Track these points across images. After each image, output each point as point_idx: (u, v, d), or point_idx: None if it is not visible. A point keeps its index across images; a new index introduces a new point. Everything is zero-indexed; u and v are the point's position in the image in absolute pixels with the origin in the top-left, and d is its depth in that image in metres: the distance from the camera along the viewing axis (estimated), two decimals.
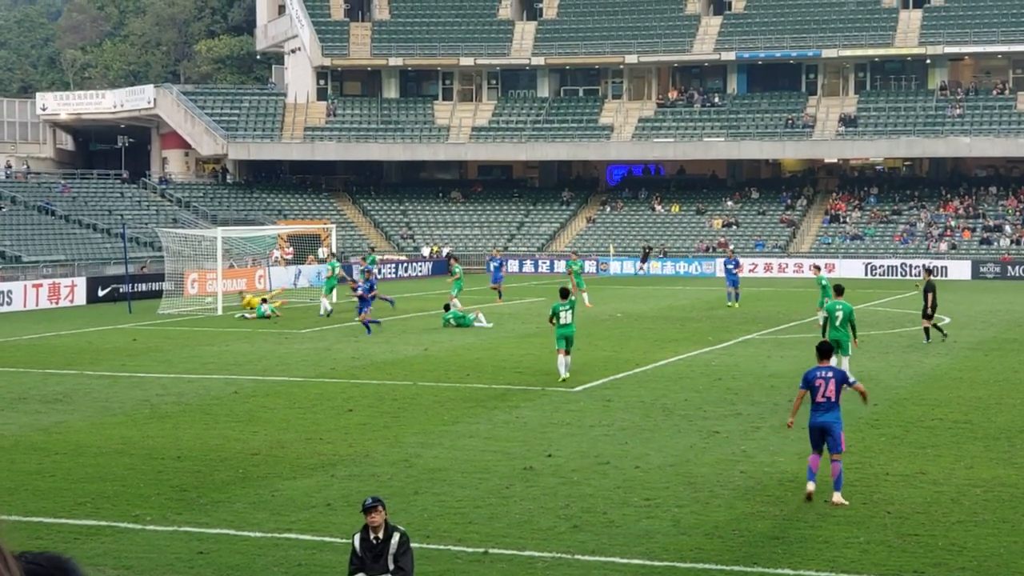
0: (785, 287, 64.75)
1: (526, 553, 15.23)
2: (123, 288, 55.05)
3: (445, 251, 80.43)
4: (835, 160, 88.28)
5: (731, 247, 77.95)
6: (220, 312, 48.88)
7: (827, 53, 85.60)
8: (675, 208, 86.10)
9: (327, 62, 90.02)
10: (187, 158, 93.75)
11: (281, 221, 78.74)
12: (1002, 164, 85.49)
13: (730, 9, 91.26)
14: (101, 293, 56.39)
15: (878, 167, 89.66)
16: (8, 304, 51.90)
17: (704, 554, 15.18)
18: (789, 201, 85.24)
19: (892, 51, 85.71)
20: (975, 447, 21.33)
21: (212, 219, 75.75)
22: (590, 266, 78.04)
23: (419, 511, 17.10)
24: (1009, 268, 72.01)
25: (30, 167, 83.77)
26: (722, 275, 72.80)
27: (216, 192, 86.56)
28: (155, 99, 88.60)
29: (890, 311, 47.65)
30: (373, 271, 48.22)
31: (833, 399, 17.76)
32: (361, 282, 42.85)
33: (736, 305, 49.73)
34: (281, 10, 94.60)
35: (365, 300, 41.14)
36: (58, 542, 15.81)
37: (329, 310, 47.78)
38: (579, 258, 56.19)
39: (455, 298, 45.38)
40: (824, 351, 18.54)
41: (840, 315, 28.04)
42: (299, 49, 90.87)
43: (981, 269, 72.12)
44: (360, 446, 21.64)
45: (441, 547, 15.43)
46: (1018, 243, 76.58)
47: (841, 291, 29.28)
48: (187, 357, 34.76)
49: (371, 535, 12.27)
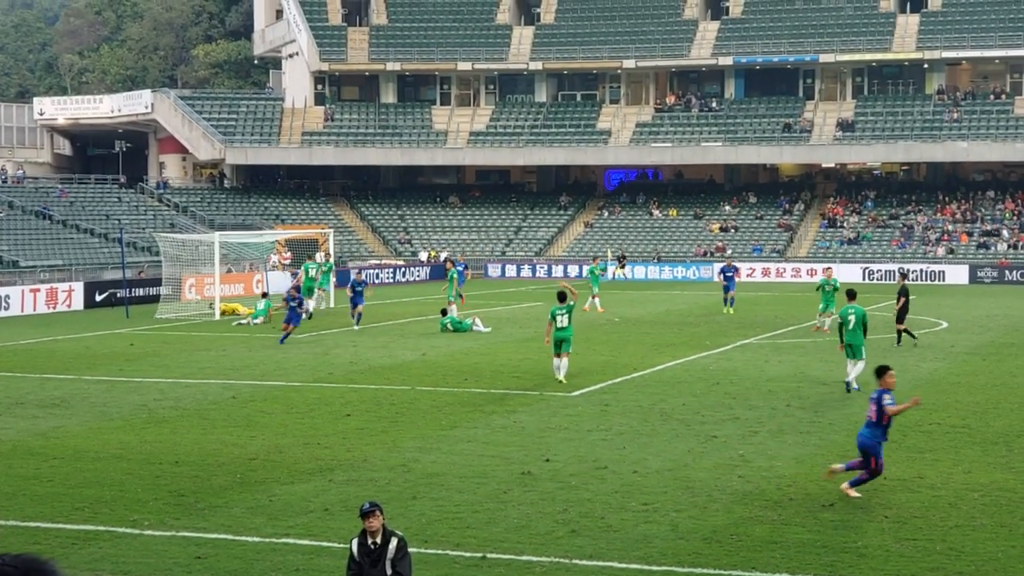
0: (783, 291, 64.77)
1: (524, 558, 15.22)
2: (120, 293, 55.07)
3: (443, 255, 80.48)
4: (833, 165, 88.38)
5: (728, 251, 77.99)
6: (218, 317, 48.86)
7: (824, 58, 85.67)
8: (673, 213, 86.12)
9: (325, 67, 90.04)
10: (184, 163, 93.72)
11: (279, 226, 78.75)
12: (999, 168, 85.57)
13: (727, 14, 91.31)
14: (99, 298, 56.37)
15: (875, 172, 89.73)
16: (6, 309, 51.88)
17: (702, 559, 15.18)
18: (787, 206, 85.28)
19: (890, 56, 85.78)
20: (973, 451, 21.33)
21: (209, 224, 75.74)
22: (587, 271, 78.05)
23: (417, 516, 17.09)
24: (1006, 272, 72.04)
25: (26, 172, 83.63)
26: (718, 277, 73.02)
27: (213, 197, 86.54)
28: (152, 104, 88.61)
29: (887, 315, 47.56)
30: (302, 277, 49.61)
31: (873, 418, 18.13)
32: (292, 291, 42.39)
33: (731, 311, 49.49)
34: (279, 15, 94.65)
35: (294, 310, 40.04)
36: (56, 547, 15.80)
37: (310, 311, 48.15)
38: (600, 262, 55.62)
39: (452, 303, 45.26)
40: (876, 371, 18.90)
41: (852, 319, 28.22)
42: (297, 54, 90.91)
43: (978, 273, 72.16)
44: (358, 451, 21.63)
45: (439, 552, 15.42)
46: (1015, 247, 76.62)
47: (853, 295, 29.69)
48: (185, 362, 34.75)
49: (369, 540, 12.25)
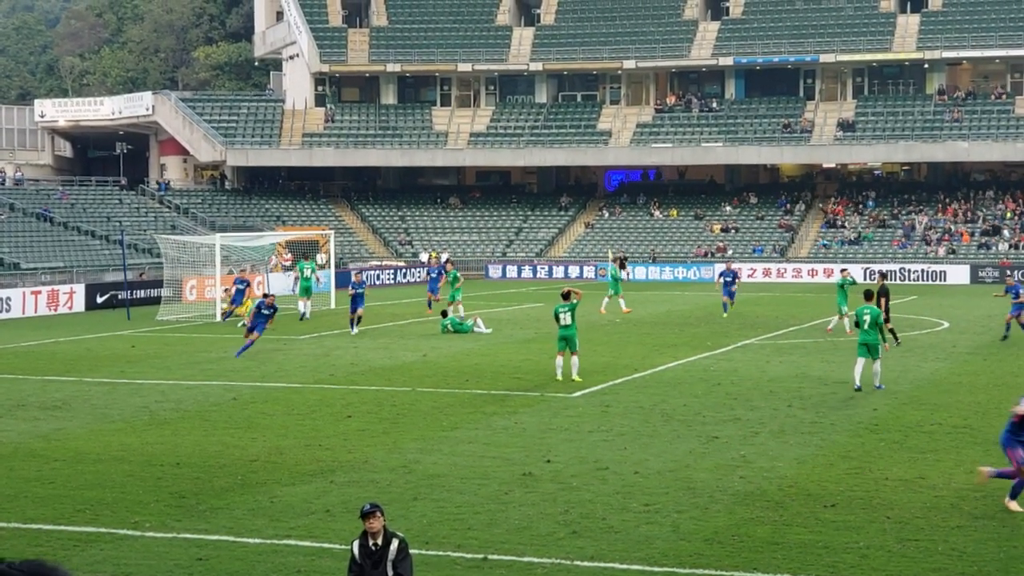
0: (784, 292, 64.77)
1: (525, 559, 15.21)
2: (122, 295, 55.06)
3: (444, 256, 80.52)
4: (833, 165, 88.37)
5: (729, 252, 77.94)
6: (219, 318, 48.85)
7: (825, 58, 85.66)
8: (673, 213, 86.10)
9: (325, 68, 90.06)
10: (185, 165, 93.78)
11: (279, 227, 78.76)
12: (1000, 168, 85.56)
13: (728, 14, 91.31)
14: (100, 300, 56.38)
15: (876, 172, 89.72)
16: (7, 311, 51.88)
17: (703, 560, 15.16)
18: (787, 206, 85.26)
19: (890, 56, 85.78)
20: (974, 452, 21.31)
21: (210, 225, 75.79)
22: (588, 271, 78.11)
23: (418, 517, 17.08)
24: (1008, 272, 71.91)
25: (24, 175, 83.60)
26: (717, 281, 72.93)
27: (214, 199, 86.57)
28: (153, 106, 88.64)
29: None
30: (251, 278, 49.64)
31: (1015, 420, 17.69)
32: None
33: (725, 315, 48.08)
34: (279, 17, 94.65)
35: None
36: (57, 549, 15.79)
37: (304, 313, 48.51)
38: (617, 263, 55.35)
39: (453, 303, 45.23)
40: None
41: (868, 318, 28.33)
42: (297, 55, 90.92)
43: (980, 273, 72.13)
44: (359, 452, 21.62)
45: (440, 553, 15.41)
46: (1017, 247, 76.60)
47: (871, 296, 29.82)
48: (186, 364, 34.75)
49: (370, 541, 12.24)
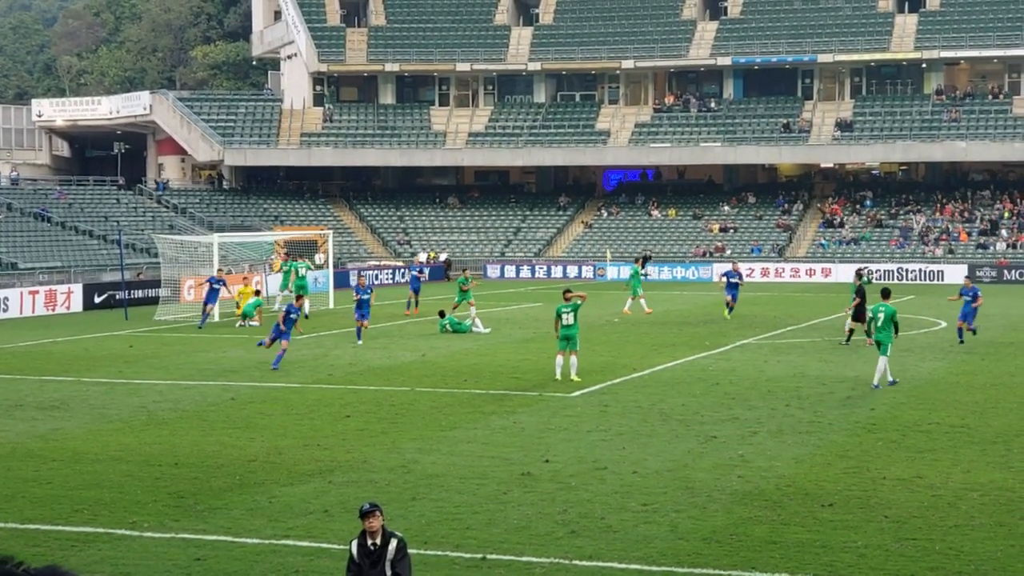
0: (782, 292, 64.78)
1: (524, 559, 15.23)
2: (119, 295, 55.03)
3: (443, 256, 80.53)
4: (831, 165, 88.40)
5: (728, 252, 77.94)
6: (217, 318, 48.83)
7: (823, 58, 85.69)
8: (672, 213, 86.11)
9: (323, 68, 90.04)
10: (183, 164, 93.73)
11: (278, 227, 78.75)
12: (998, 168, 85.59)
13: (726, 14, 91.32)
14: (97, 300, 56.37)
15: (874, 171, 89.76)
16: (4, 311, 51.87)
17: (702, 559, 15.18)
18: (785, 206, 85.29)
19: (888, 56, 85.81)
20: (972, 451, 21.34)
21: (208, 225, 75.77)
22: (587, 271, 78.13)
23: (417, 517, 17.09)
24: (1005, 272, 72.06)
25: (20, 174, 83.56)
26: (718, 280, 72.93)
27: (212, 198, 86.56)
28: (151, 105, 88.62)
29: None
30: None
31: None
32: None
33: (728, 315, 47.10)
34: (277, 16, 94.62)
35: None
36: (55, 549, 15.80)
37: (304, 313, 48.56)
38: (640, 263, 55.21)
39: (462, 304, 45.07)
40: None
41: (882, 316, 28.67)
42: (295, 55, 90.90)
43: (978, 273, 72.13)
44: (358, 452, 21.63)
45: (439, 553, 15.42)
46: (1014, 247, 76.64)
47: (887, 294, 30.05)
48: (184, 363, 34.74)
49: (368, 541, 12.24)
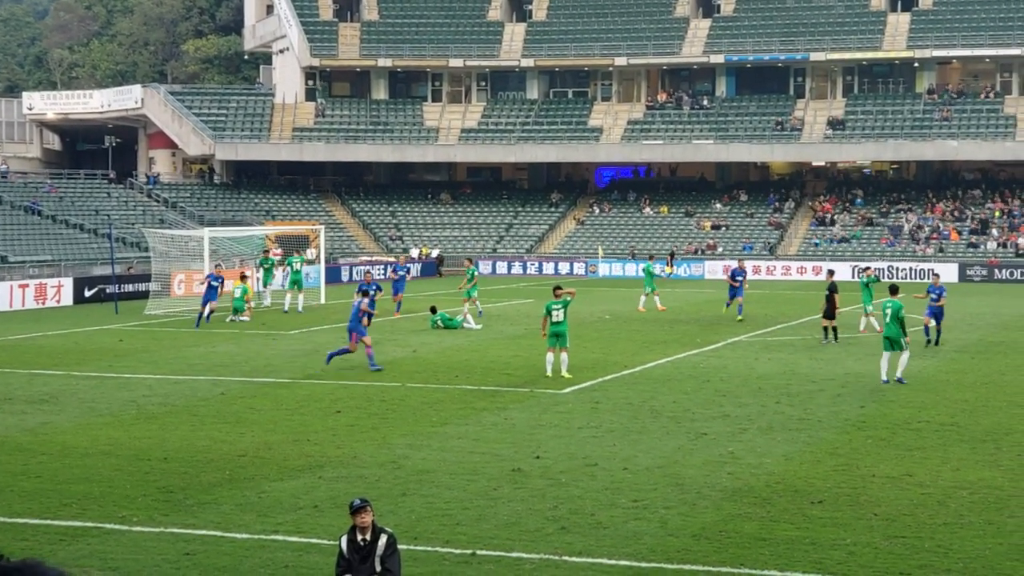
0: (773, 289, 64.82)
1: (514, 554, 15.22)
2: (110, 289, 54.96)
3: (435, 253, 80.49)
4: (823, 163, 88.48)
5: (719, 249, 77.94)
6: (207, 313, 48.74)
7: (815, 56, 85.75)
8: (664, 210, 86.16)
9: (315, 62, 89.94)
10: (174, 158, 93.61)
11: (269, 222, 78.66)
12: (989, 167, 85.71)
13: (719, 12, 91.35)
14: (88, 294, 56.28)
15: (865, 170, 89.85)
16: None
17: (691, 555, 15.19)
18: (777, 204, 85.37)
19: (880, 54, 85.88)
20: (961, 449, 21.37)
21: (199, 220, 75.67)
22: (579, 268, 78.14)
23: (407, 512, 17.09)
24: (996, 271, 72.17)
25: (9, 167, 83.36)
26: (712, 277, 73.10)
27: (203, 192, 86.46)
28: (142, 99, 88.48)
29: (876, 313, 47.62)
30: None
31: None
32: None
33: (728, 311, 46.44)
34: (269, 10, 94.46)
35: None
36: (43, 543, 15.77)
37: (297, 307, 48.81)
38: (653, 260, 55.13)
39: (469, 300, 45.24)
40: None
41: (890, 312, 28.85)
42: (287, 49, 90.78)
43: (968, 272, 72.28)
44: (348, 448, 21.61)
45: (429, 549, 15.42)
46: (1005, 246, 76.76)
47: (895, 291, 30.17)
48: (174, 358, 34.70)
49: (358, 536, 12.24)
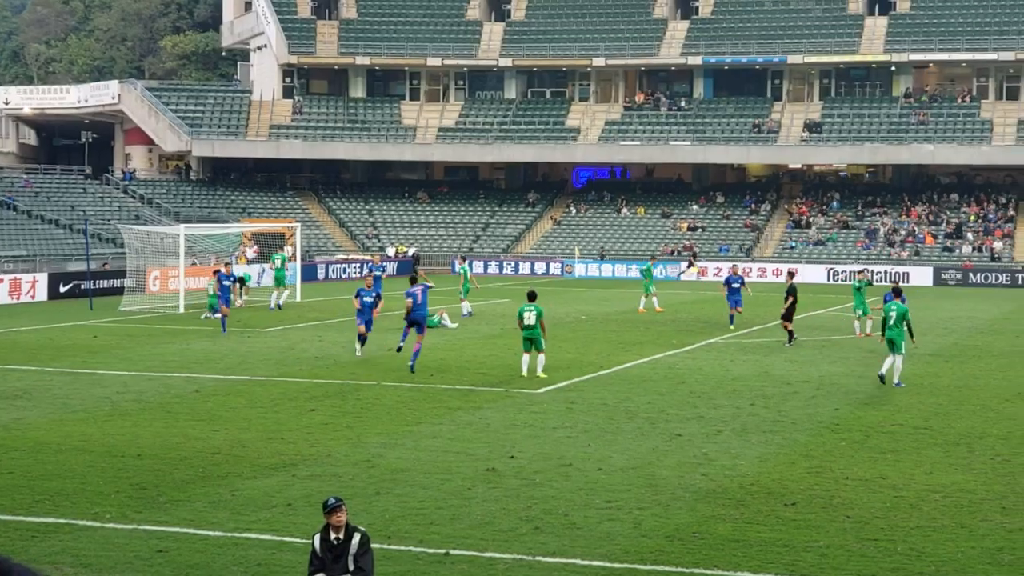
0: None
1: (487, 554, 15.21)
2: (85, 285, 54.75)
3: (411, 251, 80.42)
4: (799, 165, 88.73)
5: (696, 250, 78.00)
6: (182, 310, 48.67)
7: (792, 59, 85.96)
8: (640, 211, 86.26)
9: (293, 60, 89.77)
10: (151, 154, 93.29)
11: (245, 219, 78.46)
12: (965, 171, 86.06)
13: (697, 14, 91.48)
14: (63, 289, 56.07)
15: (842, 173, 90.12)
16: None
17: (665, 556, 15.20)
18: (753, 206, 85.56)
19: (857, 58, 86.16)
20: (935, 453, 21.45)
21: (175, 216, 75.46)
22: (555, 268, 78.17)
23: (380, 512, 17.06)
24: (970, 275, 72.47)
25: None
26: (688, 279, 73.06)
27: (179, 189, 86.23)
28: (119, 95, 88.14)
29: (851, 316, 47.77)
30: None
31: None
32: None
33: (732, 327, 42.86)
34: (247, 7, 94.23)
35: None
36: (15, 540, 15.69)
37: (278, 304, 49.03)
38: (655, 261, 55.00)
39: (464, 299, 46.43)
40: None
41: (894, 315, 28.90)
42: (265, 46, 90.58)
43: (943, 276, 72.56)
44: (322, 446, 21.57)
45: (402, 548, 15.40)
46: (979, 250, 77.09)
47: (899, 293, 30.25)
48: (148, 355, 34.59)
49: (331, 535, 12.22)
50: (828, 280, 73.16)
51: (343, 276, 71.87)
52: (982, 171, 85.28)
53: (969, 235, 78.79)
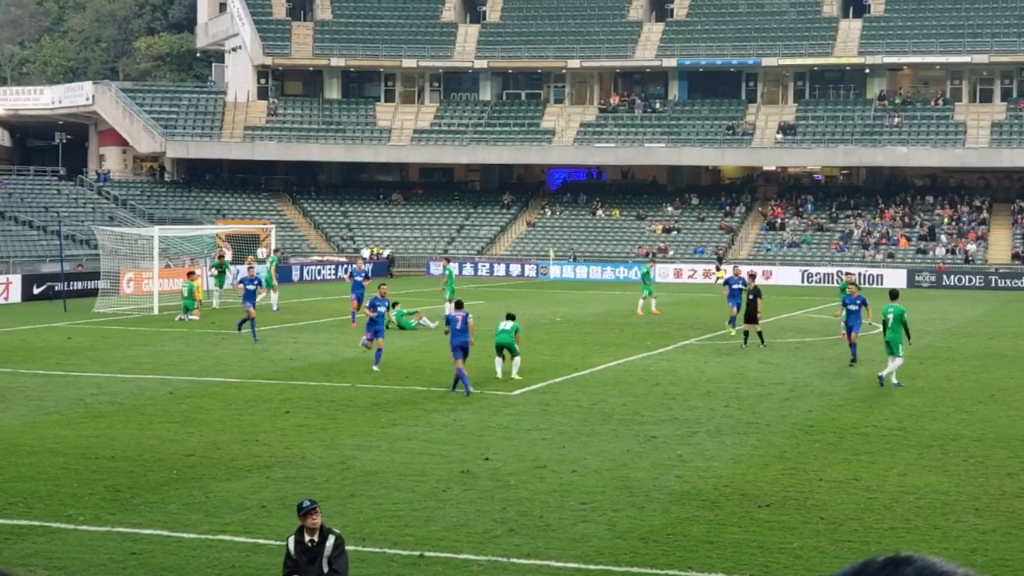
0: (723, 293, 64.98)
1: (462, 556, 15.22)
2: (59, 286, 54.53)
3: (386, 253, 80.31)
4: (774, 168, 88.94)
5: (670, 252, 78.13)
6: (156, 312, 48.52)
7: (767, 61, 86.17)
8: (616, 213, 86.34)
9: (268, 61, 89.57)
10: (125, 156, 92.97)
11: (219, 221, 78.24)
12: (939, 174, 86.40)
13: (672, 16, 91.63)
14: (36, 291, 55.82)
15: (816, 175, 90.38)
16: None
17: (639, 558, 15.23)
18: (728, 208, 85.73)
19: (831, 60, 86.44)
20: (908, 454, 21.53)
21: (149, 218, 75.20)
22: (529, 270, 78.20)
23: (355, 514, 17.05)
24: (944, 277, 72.75)
25: None
26: (662, 280, 73.11)
27: (154, 190, 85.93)
28: (93, 96, 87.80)
29: (825, 318, 47.92)
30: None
31: None
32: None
33: (732, 331, 41.07)
34: (222, 8, 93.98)
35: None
36: None
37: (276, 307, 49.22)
38: (653, 264, 55.02)
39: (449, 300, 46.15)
40: None
41: (891, 317, 29.25)
42: (240, 48, 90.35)
43: (916, 278, 72.82)
44: (296, 448, 21.54)
45: (377, 550, 15.39)
46: (953, 252, 77.41)
47: (895, 295, 30.68)
48: (122, 357, 34.48)
49: (306, 537, 12.21)
50: (803, 282, 73.34)
51: (318, 278, 71.75)
52: (956, 173, 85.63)
53: (943, 237, 79.12)
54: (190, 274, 48.63)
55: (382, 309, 32.44)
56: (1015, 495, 18.61)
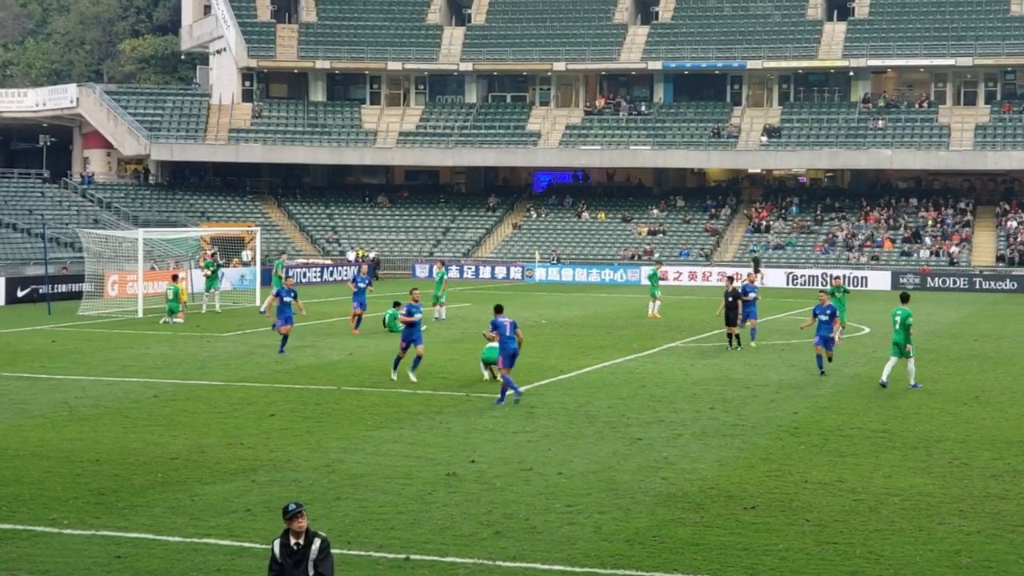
0: (709, 295, 65.06)
1: (448, 559, 15.22)
2: (43, 289, 54.41)
3: (371, 255, 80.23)
4: (759, 170, 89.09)
5: (656, 255, 78.17)
6: (141, 315, 48.42)
7: (752, 64, 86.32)
8: (601, 215, 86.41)
9: (253, 63, 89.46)
10: (109, 158, 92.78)
11: (204, 223, 78.11)
12: (923, 176, 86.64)
13: (657, 19, 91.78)
14: (20, 294, 55.67)
15: (801, 178, 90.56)
16: None
17: (625, 560, 15.24)
18: (713, 210, 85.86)
19: (816, 63, 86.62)
20: (893, 456, 21.57)
21: (134, 220, 75.06)
22: (515, 272, 78.20)
23: (341, 517, 17.03)
24: (928, 279, 72.93)
25: None
26: (648, 283, 73.03)
27: (138, 193, 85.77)
28: (78, 98, 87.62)
29: (801, 319, 48.01)
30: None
31: None
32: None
33: (754, 345, 39.09)
34: (207, 10, 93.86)
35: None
36: None
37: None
38: (661, 266, 55.20)
39: (437, 304, 46.31)
40: None
41: (898, 320, 29.49)
42: (224, 50, 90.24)
43: (901, 280, 72.97)
44: (282, 451, 21.51)
45: (362, 553, 15.38)
46: (937, 254, 77.61)
47: (906, 299, 30.68)
48: (106, 360, 34.40)
49: (291, 541, 12.18)
50: (788, 284, 73.47)
51: (303, 280, 71.60)
52: (940, 176, 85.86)
53: (927, 240, 79.31)
54: (175, 277, 48.49)
55: (418, 316, 30.99)
56: (999, 497, 18.66)
